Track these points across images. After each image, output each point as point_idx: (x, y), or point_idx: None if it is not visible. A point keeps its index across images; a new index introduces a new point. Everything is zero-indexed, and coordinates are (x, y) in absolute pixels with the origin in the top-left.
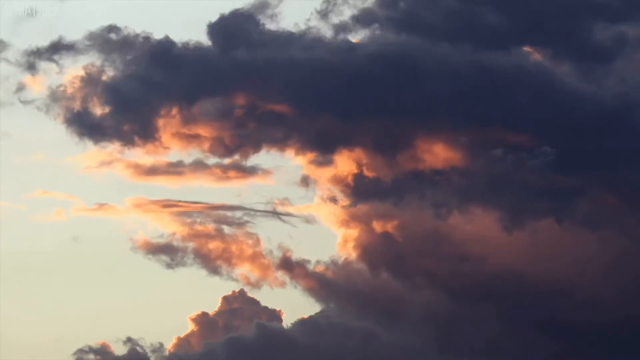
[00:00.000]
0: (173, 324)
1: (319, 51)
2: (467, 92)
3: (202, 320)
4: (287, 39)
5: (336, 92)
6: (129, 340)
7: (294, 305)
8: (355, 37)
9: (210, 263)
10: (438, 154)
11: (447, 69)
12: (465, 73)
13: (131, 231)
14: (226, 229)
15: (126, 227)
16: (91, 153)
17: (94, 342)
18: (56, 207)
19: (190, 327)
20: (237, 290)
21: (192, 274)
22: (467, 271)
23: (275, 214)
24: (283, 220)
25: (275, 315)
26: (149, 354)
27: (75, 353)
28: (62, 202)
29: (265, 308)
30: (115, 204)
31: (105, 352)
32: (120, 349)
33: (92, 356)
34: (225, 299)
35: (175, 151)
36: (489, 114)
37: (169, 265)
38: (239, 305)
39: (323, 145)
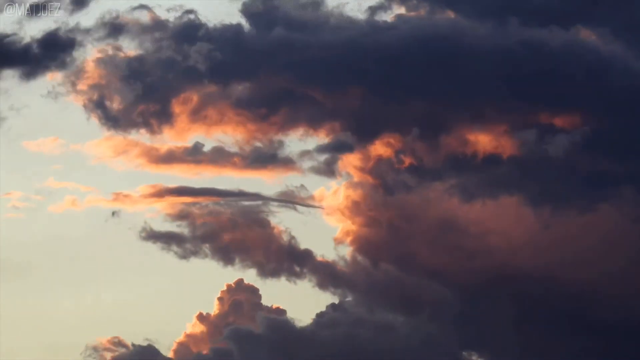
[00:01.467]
0: (186, 316)
1: (354, 31)
2: (513, 72)
3: (212, 313)
4: (322, 19)
5: (372, 73)
6: (143, 333)
7: (308, 297)
8: (393, 16)
9: (225, 254)
10: (481, 139)
11: (491, 48)
12: (512, 52)
13: (146, 221)
14: (244, 218)
15: (141, 217)
16: (108, 139)
17: (108, 336)
18: (70, 196)
19: (198, 322)
20: (249, 281)
21: (206, 265)
22: (488, 263)
23: (295, 204)
24: (299, 212)
25: (288, 307)
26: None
27: (85, 349)
28: (76, 191)
29: (279, 299)
30: (130, 193)
31: (119, 345)
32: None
33: (105, 352)
34: (236, 289)
35: (197, 137)
36: (536, 96)
37: (183, 256)
38: (248, 296)
39: (358, 131)
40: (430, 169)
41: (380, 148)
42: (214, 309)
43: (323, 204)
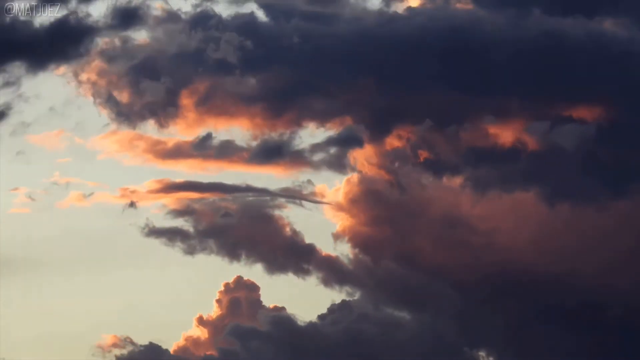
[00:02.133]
0: (192, 313)
1: (369, 22)
2: (534, 63)
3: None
4: (337, 9)
5: (388, 65)
6: (148, 331)
7: (313, 293)
8: (408, 6)
9: (231, 249)
10: (498, 132)
11: (511, 38)
12: (533, 43)
13: (152, 216)
14: (251, 214)
15: (147, 212)
16: (115, 133)
17: (115, 334)
18: (76, 191)
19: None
20: (255, 277)
21: (212, 260)
22: (497, 260)
23: (302, 199)
24: (307, 208)
25: (296, 304)
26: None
27: (91, 347)
28: (82, 187)
29: (286, 296)
30: (137, 188)
31: (125, 344)
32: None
33: (112, 349)
34: (239, 286)
35: (205, 130)
36: (557, 87)
37: (189, 252)
38: (253, 293)
39: (371, 124)
40: (445, 163)
41: (393, 141)
42: (215, 307)
43: (331, 199)
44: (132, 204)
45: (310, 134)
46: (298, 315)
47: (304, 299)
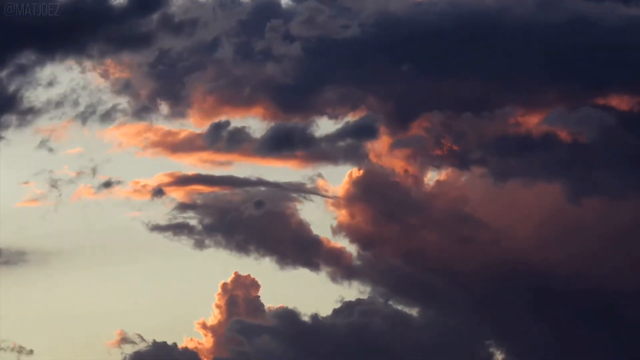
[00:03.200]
0: (201, 306)
1: (395, 8)
2: (565, 49)
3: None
4: None
5: (414, 52)
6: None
7: (324, 288)
8: None
9: (240, 243)
10: (528, 121)
11: (542, 22)
12: (564, 27)
13: (162, 210)
14: (262, 207)
15: (157, 206)
16: (126, 125)
17: (126, 330)
18: (86, 185)
19: (216, 311)
20: (260, 272)
21: (221, 255)
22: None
23: (314, 194)
24: (317, 202)
25: (305, 299)
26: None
27: (109, 342)
28: (93, 180)
29: (295, 291)
30: (148, 181)
31: (135, 341)
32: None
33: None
34: (248, 281)
35: (218, 123)
36: (586, 74)
37: (198, 245)
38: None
39: (393, 113)
40: (468, 153)
41: (418, 128)
42: (220, 303)
43: (343, 193)
44: (142, 197)
45: (326, 125)
46: (306, 310)
47: (313, 294)
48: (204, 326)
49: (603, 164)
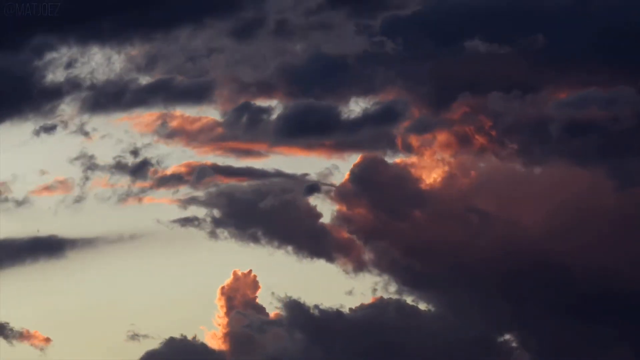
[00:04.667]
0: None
1: None
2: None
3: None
4: None
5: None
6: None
7: (336, 279)
8: None
9: (254, 235)
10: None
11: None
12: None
13: (178, 202)
14: (279, 199)
15: (173, 197)
16: (141, 115)
17: (138, 326)
18: (100, 178)
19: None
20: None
21: (233, 246)
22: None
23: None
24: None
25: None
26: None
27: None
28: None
29: (307, 282)
30: (165, 172)
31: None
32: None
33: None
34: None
35: (237, 112)
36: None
37: (213, 237)
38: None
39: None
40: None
41: (454, 114)
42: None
43: (353, 185)
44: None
45: (357, 108)
46: (318, 302)
47: (326, 285)
48: (218, 319)
49: None
